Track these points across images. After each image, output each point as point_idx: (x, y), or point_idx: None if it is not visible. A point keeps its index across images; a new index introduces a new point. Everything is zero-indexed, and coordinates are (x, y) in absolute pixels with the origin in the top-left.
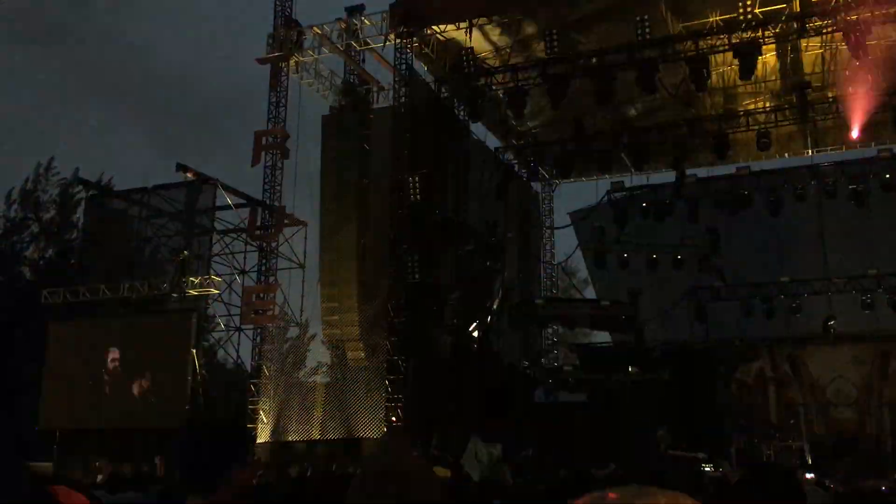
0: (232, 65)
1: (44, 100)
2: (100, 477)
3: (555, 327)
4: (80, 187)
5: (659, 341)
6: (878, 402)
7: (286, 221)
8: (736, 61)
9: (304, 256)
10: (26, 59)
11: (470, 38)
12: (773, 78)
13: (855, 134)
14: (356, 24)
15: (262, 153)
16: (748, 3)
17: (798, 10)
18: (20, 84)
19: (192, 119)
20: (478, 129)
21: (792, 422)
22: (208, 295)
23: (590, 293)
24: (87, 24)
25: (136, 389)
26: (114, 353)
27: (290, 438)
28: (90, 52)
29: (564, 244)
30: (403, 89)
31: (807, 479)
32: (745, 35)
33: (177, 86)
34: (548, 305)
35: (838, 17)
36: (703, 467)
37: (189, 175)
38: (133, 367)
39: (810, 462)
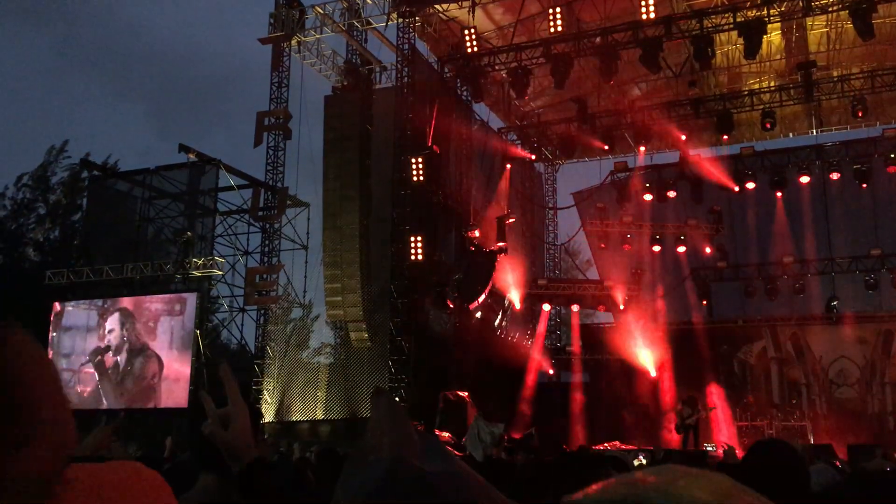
0: (230, 43)
1: (40, 78)
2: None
3: (558, 307)
4: (81, 167)
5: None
6: (881, 381)
7: (289, 202)
8: (740, 40)
9: (307, 237)
10: (21, 35)
11: (473, 17)
12: (778, 57)
13: (860, 114)
14: (358, 4)
15: (265, 134)
16: None
17: None
18: (16, 62)
19: (190, 98)
20: (480, 110)
21: (794, 401)
22: (212, 276)
23: (592, 274)
24: (83, 1)
25: (140, 370)
26: (118, 334)
27: (293, 418)
28: (87, 30)
29: (567, 224)
30: (406, 69)
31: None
32: (750, 13)
33: (175, 64)
34: (550, 286)
35: None
36: (706, 447)
37: (191, 156)
38: (137, 347)
39: (812, 441)
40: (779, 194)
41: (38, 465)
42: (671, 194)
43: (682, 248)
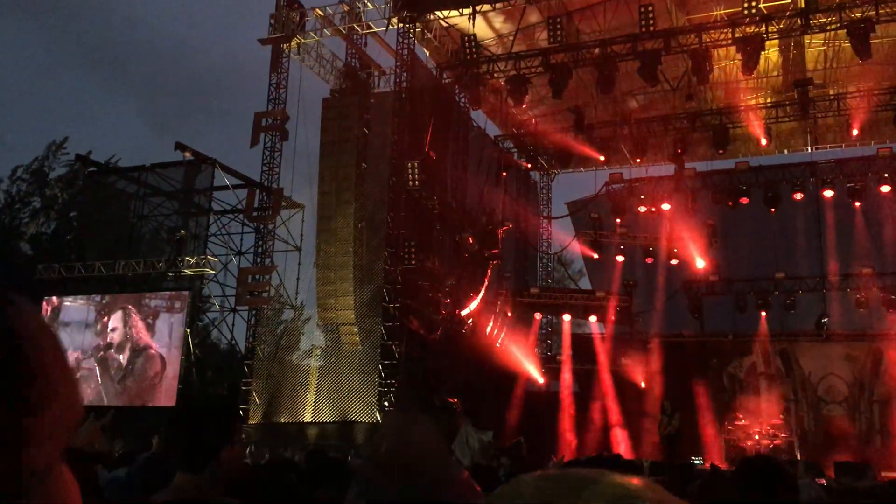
0: (229, 43)
1: (34, 73)
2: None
3: (549, 317)
4: (78, 164)
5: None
6: (869, 399)
7: (283, 203)
8: (738, 56)
9: (301, 239)
10: (16, 29)
11: (473, 24)
12: (775, 73)
13: (855, 132)
14: (359, 8)
15: (262, 134)
16: None
17: (802, 6)
18: (8, 56)
19: (187, 96)
20: (478, 117)
21: (782, 417)
22: (204, 275)
23: (585, 284)
24: None
25: (130, 367)
26: (107, 330)
27: (281, 420)
28: (82, 24)
29: (561, 234)
30: (405, 74)
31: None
32: (748, 30)
33: (172, 61)
34: (543, 295)
35: (842, 14)
36: (694, 461)
37: (187, 154)
38: (140, 346)
39: (799, 457)
40: (772, 210)
41: (57, 428)
42: (665, 207)
43: (674, 261)
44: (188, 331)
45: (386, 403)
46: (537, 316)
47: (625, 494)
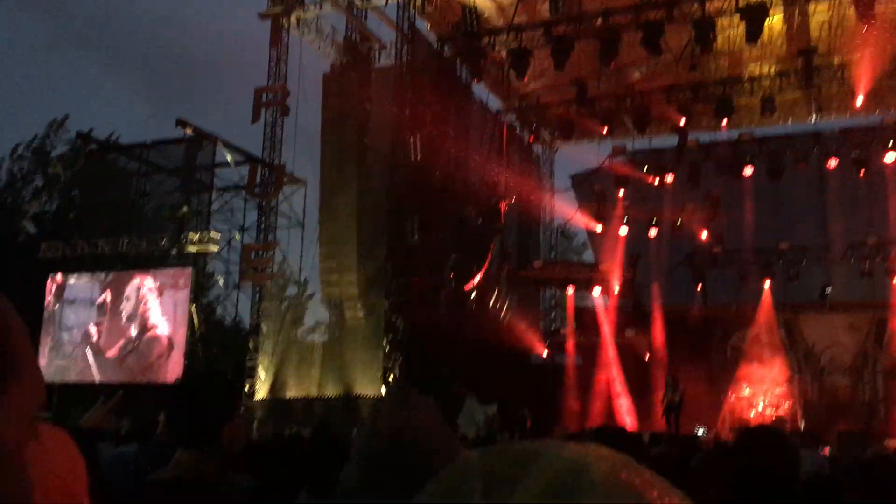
0: (228, 17)
1: (31, 51)
2: None
3: (553, 290)
4: (79, 142)
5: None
6: (873, 370)
7: (286, 179)
8: (742, 25)
9: (304, 215)
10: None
11: None
12: (779, 43)
13: (860, 101)
14: None
15: (263, 110)
16: None
17: None
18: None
19: (186, 72)
20: (479, 90)
21: (785, 387)
22: (207, 252)
23: (588, 257)
24: None
25: (136, 344)
26: (117, 306)
27: (288, 395)
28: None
29: (564, 207)
30: (405, 48)
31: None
32: None
33: (170, 37)
34: (546, 268)
35: None
36: (697, 432)
37: (188, 131)
38: (145, 325)
39: (802, 428)
40: (776, 180)
41: (24, 406)
42: (669, 178)
43: (677, 233)
44: (193, 307)
45: (390, 378)
46: (541, 289)
47: (571, 469)
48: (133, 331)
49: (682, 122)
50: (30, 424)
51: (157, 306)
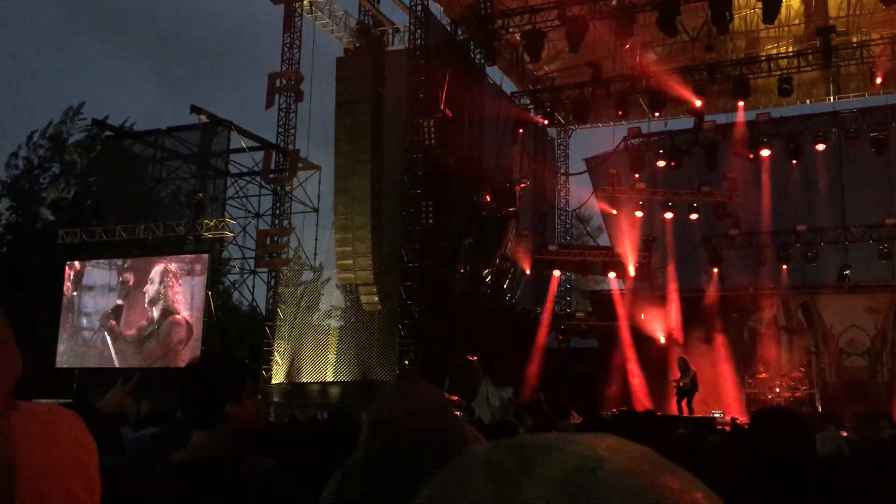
0: (238, 2)
1: (42, 36)
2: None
3: (568, 273)
4: (95, 129)
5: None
6: (891, 351)
7: (300, 165)
8: (759, 4)
9: (318, 200)
10: None
11: None
12: (797, 22)
13: (879, 81)
14: None
15: (276, 95)
16: None
17: None
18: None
19: (199, 57)
20: (494, 73)
21: (803, 370)
22: (223, 237)
23: (603, 240)
24: None
25: (166, 334)
26: (135, 290)
27: (304, 380)
28: None
29: (579, 190)
30: (419, 31)
31: None
32: None
33: (183, 22)
34: (561, 252)
35: None
36: (714, 414)
37: (203, 117)
38: (166, 310)
39: (820, 409)
40: (794, 162)
41: (3, 380)
42: (685, 161)
43: (694, 216)
44: (209, 293)
45: (406, 362)
46: (556, 273)
47: (583, 465)
48: (155, 313)
49: (699, 103)
50: (9, 397)
51: (180, 291)
